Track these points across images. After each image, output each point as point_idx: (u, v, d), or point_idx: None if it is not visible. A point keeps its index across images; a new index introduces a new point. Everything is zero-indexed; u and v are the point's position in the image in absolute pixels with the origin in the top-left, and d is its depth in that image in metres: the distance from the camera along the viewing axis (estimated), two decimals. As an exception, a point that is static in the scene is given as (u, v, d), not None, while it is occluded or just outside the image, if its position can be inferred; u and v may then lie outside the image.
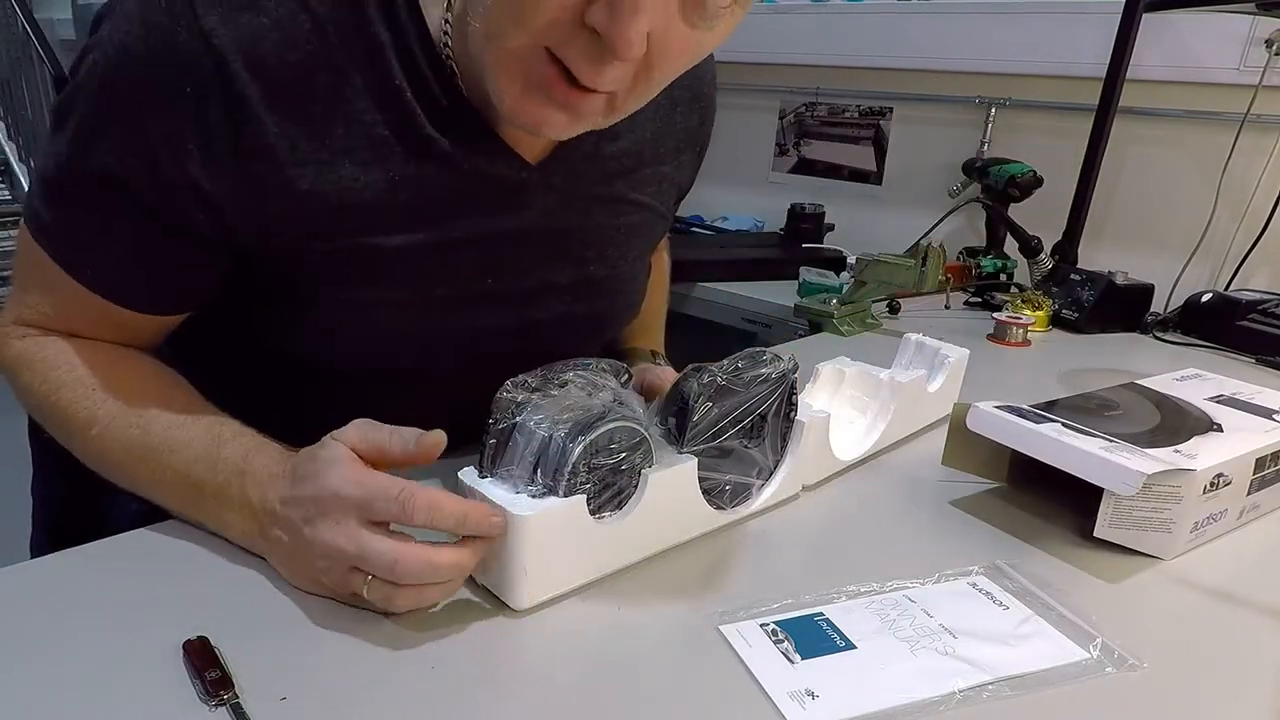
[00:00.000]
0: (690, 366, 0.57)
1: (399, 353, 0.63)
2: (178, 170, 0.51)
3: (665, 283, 0.96)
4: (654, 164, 0.71)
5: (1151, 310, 1.26)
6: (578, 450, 0.48)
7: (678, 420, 0.56)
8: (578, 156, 0.64)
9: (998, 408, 0.65)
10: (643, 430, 0.52)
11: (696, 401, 0.55)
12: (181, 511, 0.56)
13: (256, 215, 0.54)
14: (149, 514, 0.57)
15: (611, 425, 0.49)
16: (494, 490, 0.48)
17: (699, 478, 0.56)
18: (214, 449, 0.54)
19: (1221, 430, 0.66)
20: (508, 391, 0.51)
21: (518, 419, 0.50)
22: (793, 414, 0.62)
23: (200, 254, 0.57)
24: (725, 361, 0.57)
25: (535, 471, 0.49)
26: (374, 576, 0.46)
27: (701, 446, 0.56)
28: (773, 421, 0.60)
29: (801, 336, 1.21)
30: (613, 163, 0.67)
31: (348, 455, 0.48)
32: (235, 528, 0.53)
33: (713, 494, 0.58)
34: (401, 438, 0.49)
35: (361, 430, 0.50)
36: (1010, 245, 1.47)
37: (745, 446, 0.59)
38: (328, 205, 0.55)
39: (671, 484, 0.54)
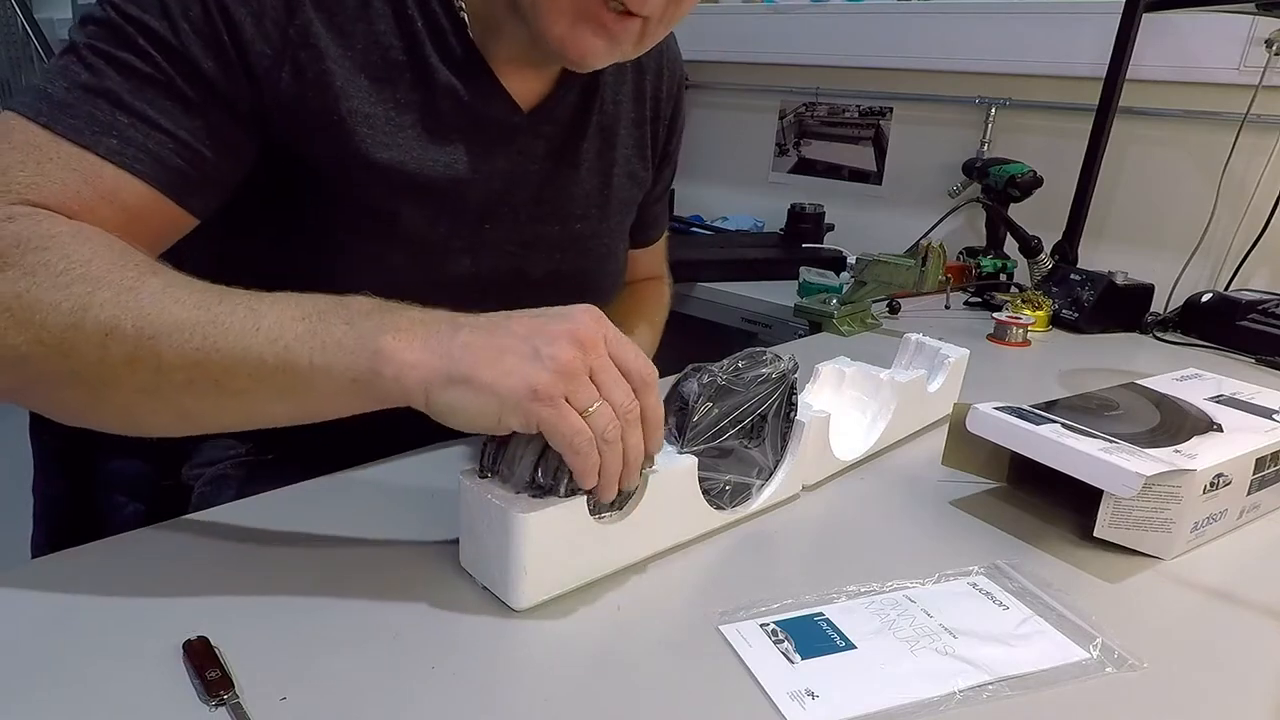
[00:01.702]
0: (690, 366, 0.57)
1: (401, 297, 0.64)
2: (232, 32, 0.53)
3: (663, 311, 0.97)
4: (631, 127, 0.77)
5: (1151, 310, 1.26)
6: None
7: (678, 420, 0.56)
8: (565, 110, 0.70)
9: (997, 409, 0.65)
10: None
11: (696, 401, 0.55)
12: (276, 371, 0.45)
13: (290, 102, 0.57)
14: (149, 514, 0.57)
15: None
16: (494, 489, 0.48)
17: (699, 478, 0.56)
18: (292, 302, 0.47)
19: (1221, 430, 0.66)
20: None
21: None
22: (793, 414, 0.62)
23: (230, 130, 0.56)
24: (725, 361, 0.57)
25: (536, 471, 0.49)
26: (600, 402, 0.45)
27: (701, 446, 0.56)
28: (773, 421, 0.60)
29: (801, 336, 1.21)
30: (595, 119, 0.73)
31: None
32: (388, 342, 0.45)
33: (713, 494, 0.58)
34: None
35: None
36: (1010, 245, 1.47)
37: (745, 446, 0.59)
38: (348, 110, 0.59)
39: (671, 484, 0.54)
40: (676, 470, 0.55)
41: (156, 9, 0.52)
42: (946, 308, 1.33)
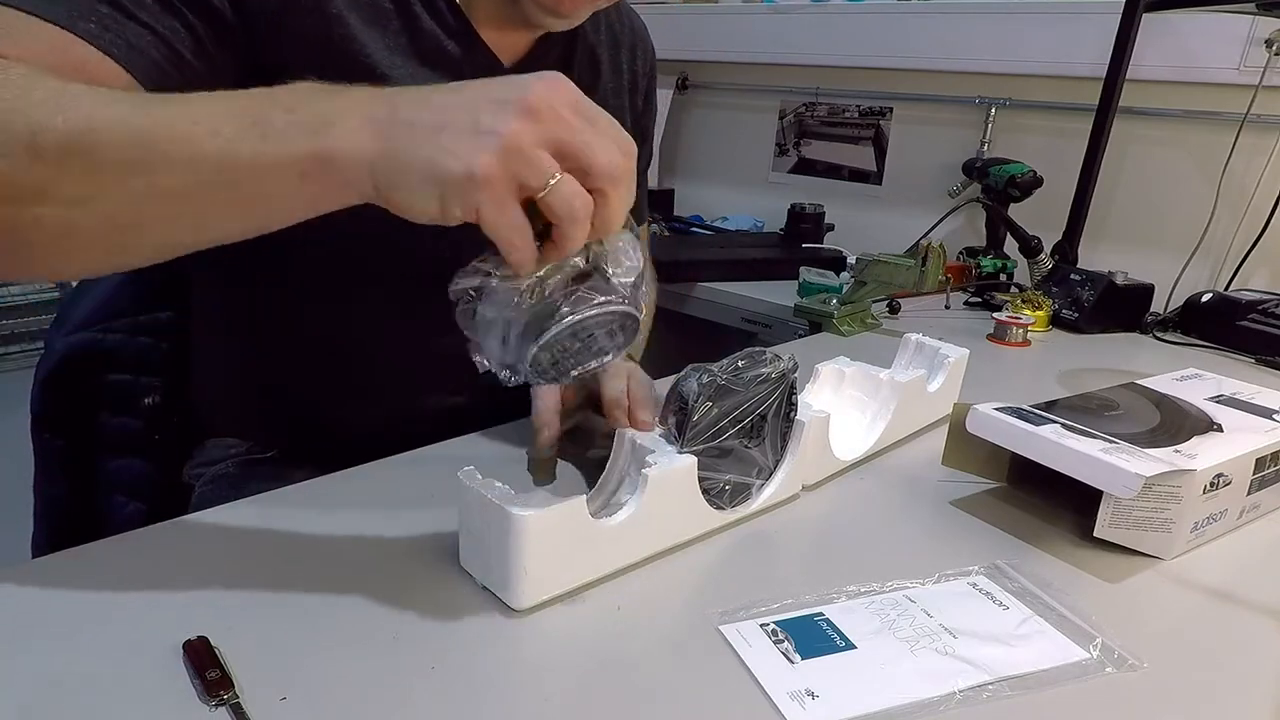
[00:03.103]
0: (690, 366, 0.57)
1: (375, 253, 0.64)
2: None
3: (653, 303, 0.96)
4: (609, 96, 0.79)
5: (1151, 310, 1.26)
6: (532, 352, 0.45)
7: (677, 420, 0.56)
8: (545, 67, 0.67)
9: (997, 409, 0.65)
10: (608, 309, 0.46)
11: (696, 401, 0.55)
12: (223, 162, 0.42)
13: (275, 19, 0.57)
14: (149, 514, 0.57)
15: (568, 323, 0.45)
16: (494, 488, 0.48)
17: (699, 477, 0.56)
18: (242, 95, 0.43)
19: (1221, 430, 0.66)
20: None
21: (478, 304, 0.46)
22: (793, 414, 0.62)
23: (212, 41, 0.55)
24: (725, 361, 0.57)
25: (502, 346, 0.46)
26: (560, 177, 0.40)
27: (701, 446, 0.56)
28: (773, 421, 0.60)
29: (801, 336, 1.21)
30: (575, 78, 0.70)
31: None
32: (338, 130, 0.41)
33: (712, 494, 0.58)
34: None
35: None
36: (1010, 245, 1.47)
37: (745, 446, 0.59)
38: (340, 35, 0.60)
39: (671, 484, 0.55)
40: (676, 470, 0.55)
41: None
42: (946, 308, 1.33)
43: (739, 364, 0.57)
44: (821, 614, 0.50)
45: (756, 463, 0.61)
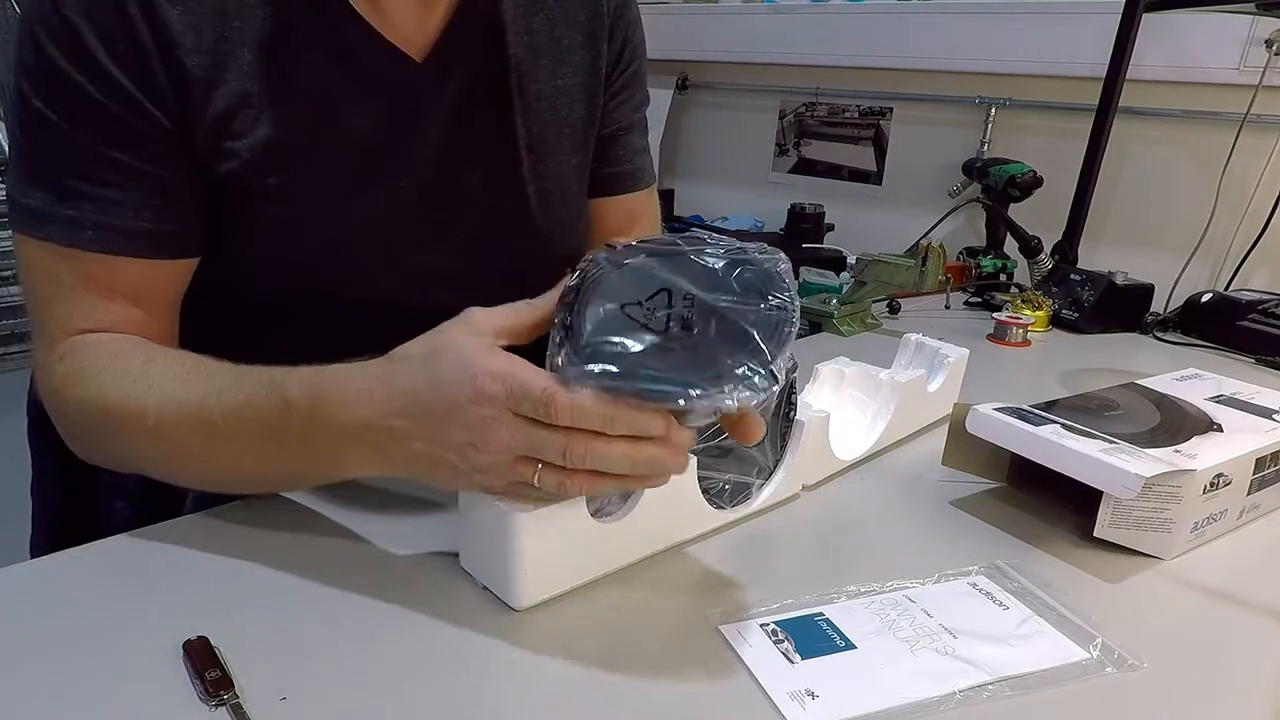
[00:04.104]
0: None
1: (329, 274, 0.64)
2: (118, 66, 0.54)
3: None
4: (554, 57, 0.70)
5: (1151, 310, 1.26)
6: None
7: None
8: (463, 49, 0.65)
9: (997, 409, 0.65)
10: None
11: None
12: (280, 477, 0.57)
13: (181, 110, 0.56)
14: (148, 514, 0.57)
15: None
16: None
17: (698, 477, 0.56)
18: (274, 394, 0.51)
19: (1221, 430, 0.66)
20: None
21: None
22: (792, 413, 0.62)
23: (171, 166, 0.57)
24: None
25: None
26: (545, 465, 0.44)
27: (701, 445, 0.56)
28: (772, 421, 0.60)
29: (801, 336, 1.21)
30: (505, 55, 0.67)
31: (476, 344, 0.46)
32: (352, 462, 0.51)
33: (712, 493, 0.58)
34: (530, 306, 0.48)
35: (487, 315, 0.48)
36: (1010, 245, 1.47)
37: (744, 446, 0.59)
38: (233, 95, 0.57)
39: (671, 483, 0.54)
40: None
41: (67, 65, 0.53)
42: (946, 308, 1.33)
43: None
44: (821, 614, 0.50)
45: (756, 462, 0.61)
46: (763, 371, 0.44)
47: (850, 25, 1.85)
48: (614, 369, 0.44)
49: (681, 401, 0.43)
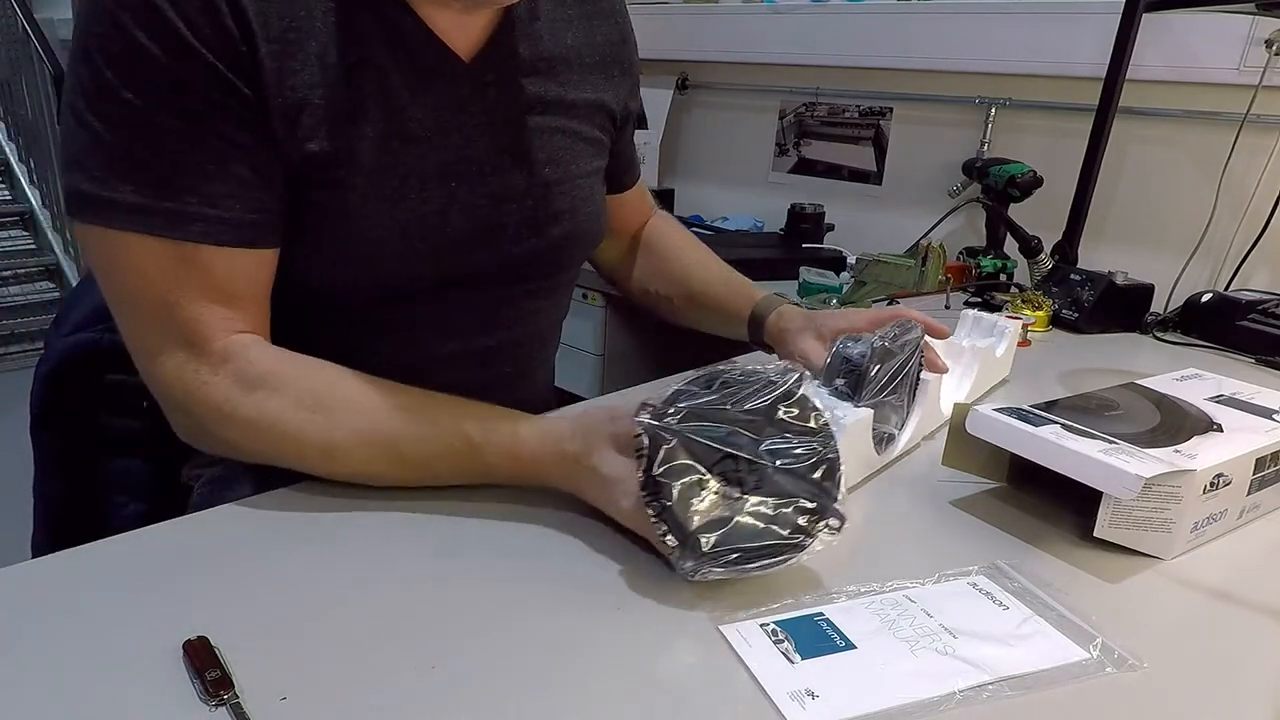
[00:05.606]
0: (845, 336, 0.68)
1: (384, 269, 0.65)
2: (206, 46, 0.54)
3: (698, 241, 0.99)
4: (582, 72, 0.75)
5: (1151, 310, 1.26)
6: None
7: (849, 380, 0.66)
8: (505, 55, 0.68)
9: (997, 410, 0.65)
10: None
11: (870, 363, 0.65)
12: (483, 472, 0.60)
13: (259, 97, 0.57)
14: (149, 514, 0.57)
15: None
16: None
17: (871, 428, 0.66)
18: (475, 461, 0.58)
19: (1221, 430, 0.66)
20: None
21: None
22: (919, 374, 0.73)
23: (262, 153, 0.58)
24: (885, 330, 0.69)
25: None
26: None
27: (873, 400, 0.65)
28: (916, 380, 0.71)
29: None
30: (540, 64, 0.71)
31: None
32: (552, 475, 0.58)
33: (875, 442, 0.68)
34: None
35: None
36: (1010, 245, 1.47)
37: (894, 403, 0.69)
38: (302, 85, 0.58)
39: (858, 431, 0.65)
40: (860, 420, 0.64)
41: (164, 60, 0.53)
42: (946, 307, 1.33)
43: (895, 331, 0.69)
44: (821, 614, 0.50)
45: (901, 415, 0.71)
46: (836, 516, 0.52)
47: (850, 25, 1.85)
48: (732, 555, 0.50)
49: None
